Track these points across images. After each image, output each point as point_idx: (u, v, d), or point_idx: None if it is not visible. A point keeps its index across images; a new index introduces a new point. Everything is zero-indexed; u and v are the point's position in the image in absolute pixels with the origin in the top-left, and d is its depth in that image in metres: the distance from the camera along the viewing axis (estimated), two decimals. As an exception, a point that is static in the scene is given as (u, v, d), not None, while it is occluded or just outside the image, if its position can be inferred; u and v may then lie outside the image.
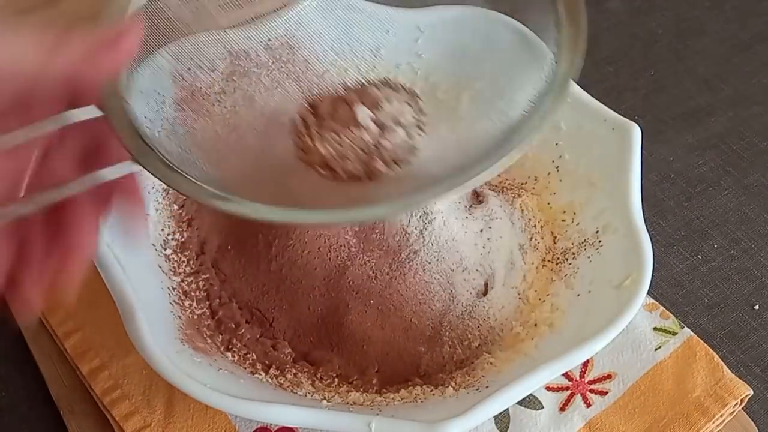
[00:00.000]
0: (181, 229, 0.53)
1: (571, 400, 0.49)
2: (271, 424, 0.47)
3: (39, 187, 0.33)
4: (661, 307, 0.52)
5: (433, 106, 0.54)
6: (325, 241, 0.49)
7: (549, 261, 0.53)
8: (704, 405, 0.48)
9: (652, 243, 0.47)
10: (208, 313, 0.50)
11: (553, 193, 0.55)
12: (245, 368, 0.47)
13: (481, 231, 0.51)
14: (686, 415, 0.48)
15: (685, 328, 0.51)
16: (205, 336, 0.48)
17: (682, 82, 0.71)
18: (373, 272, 0.49)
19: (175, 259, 0.51)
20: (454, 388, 0.46)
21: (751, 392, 0.49)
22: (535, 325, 0.49)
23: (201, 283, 0.51)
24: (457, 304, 0.49)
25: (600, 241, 0.50)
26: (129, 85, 0.40)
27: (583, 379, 0.49)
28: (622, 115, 0.53)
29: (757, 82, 0.71)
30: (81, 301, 0.51)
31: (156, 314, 0.45)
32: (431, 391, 0.46)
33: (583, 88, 0.54)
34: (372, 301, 0.48)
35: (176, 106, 0.48)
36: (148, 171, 0.36)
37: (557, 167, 0.55)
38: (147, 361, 0.42)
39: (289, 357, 0.48)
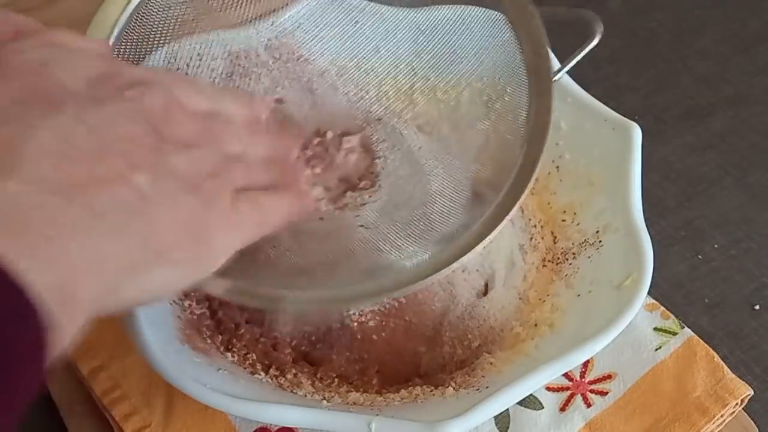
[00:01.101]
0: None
1: (572, 400, 0.49)
2: (271, 424, 0.47)
3: None
4: (662, 307, 0.52)
5: (433, 106, 0.54)
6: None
7: (549, 261, 0.52)
8: (704, 405, 0.48)
9: (652, 243, 0.47)
10: (207, 313, 0.50)
11: (553, 193, 0.55)
12: (245, 368, 0.47)
13: (481, 231, 0.51)
14: (687, 415, 0.48)
15: (686, 328, 0.51)
16: (204, 336, 0.48)
17: (682, 81, 0.71)
18: (373, 272, 0.49)
19: (175, 259, 0.51)
20: (454, 388, 0.46)
21: (752, 392, 0.49)
22: (536, 325, 0.49)
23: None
24: (457, 304, 0.49)
25: (600, 241, 0.50)
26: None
27: (583, 379, 0.49)
28: (622, 115, 0.53)
29: (758, 82, 0.71)
30: (81, 301, 0.51)
31: (155, 314, 0.45)
32: (431, 391, 0.46)
33: (583, 88, 0.54)
34: (372, 301, 0.48)
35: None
36: None
37: (557, 167, 0.55)
38: (147, 361, 0.42)
39: (289, 357, 0.48)
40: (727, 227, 0.61)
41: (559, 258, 0.52)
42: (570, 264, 0.51)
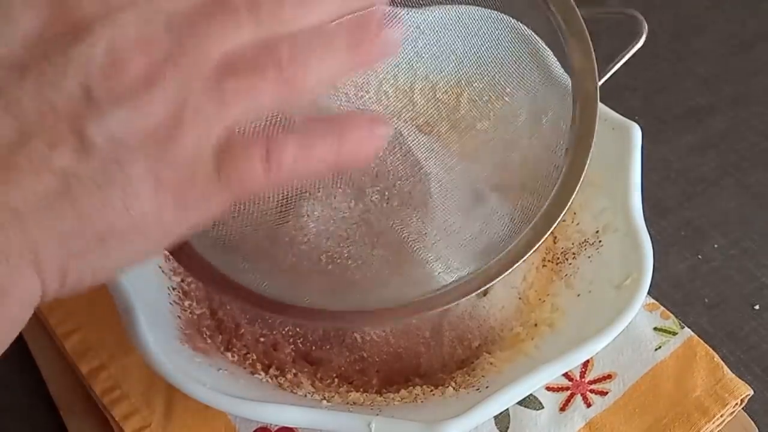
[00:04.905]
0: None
1: (572, 400, 0.49)
2: (271, 424, 0.47)
3: None
4: (662, 307, 0.52)
5: (433, 106, 0.54)
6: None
7: (549, 261, 0.52)
8: (704, 405, 0.48)
9: (652, 243, 0.47)
10: (207, 313, 0.50)
11: (553, 193, 0.55)
12: (245, 368, 0.47)
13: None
14: (686, 415, 0.48)
15: (686, 328, 0.51)
16: (204, 336, 0.48)
17: (682, 82, 0.71)
18: (373, 272, 0.49)
19: (175, 259, 0.51)
20: (454, 388, 0.46)
21: (752, 392, 0.49)
22: (535, 325, 0.49)
23: (201, 283, 0.51)
24: (457, 304, 0.49)
25: (600, 241, 0.50)
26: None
27: (583, 379, 0.49)
28: (622, 115, 0.53)
29: (757, 82, 0.71)
30: (80, 301, 0.51)
31: (156, 314, 0.45)
32: (431, 391, 0.46)
33: (583, 88, 0.54)
34: (372, 301, 0.48)
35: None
36: None
37: (557, 167, 0.55)
38: (146, 361, 0.42)
39: (289, 357, 0.48)
40: (727, 227, 0.61)
41: (559, 258, 0.52)
42: (570, 264, 0.51)
